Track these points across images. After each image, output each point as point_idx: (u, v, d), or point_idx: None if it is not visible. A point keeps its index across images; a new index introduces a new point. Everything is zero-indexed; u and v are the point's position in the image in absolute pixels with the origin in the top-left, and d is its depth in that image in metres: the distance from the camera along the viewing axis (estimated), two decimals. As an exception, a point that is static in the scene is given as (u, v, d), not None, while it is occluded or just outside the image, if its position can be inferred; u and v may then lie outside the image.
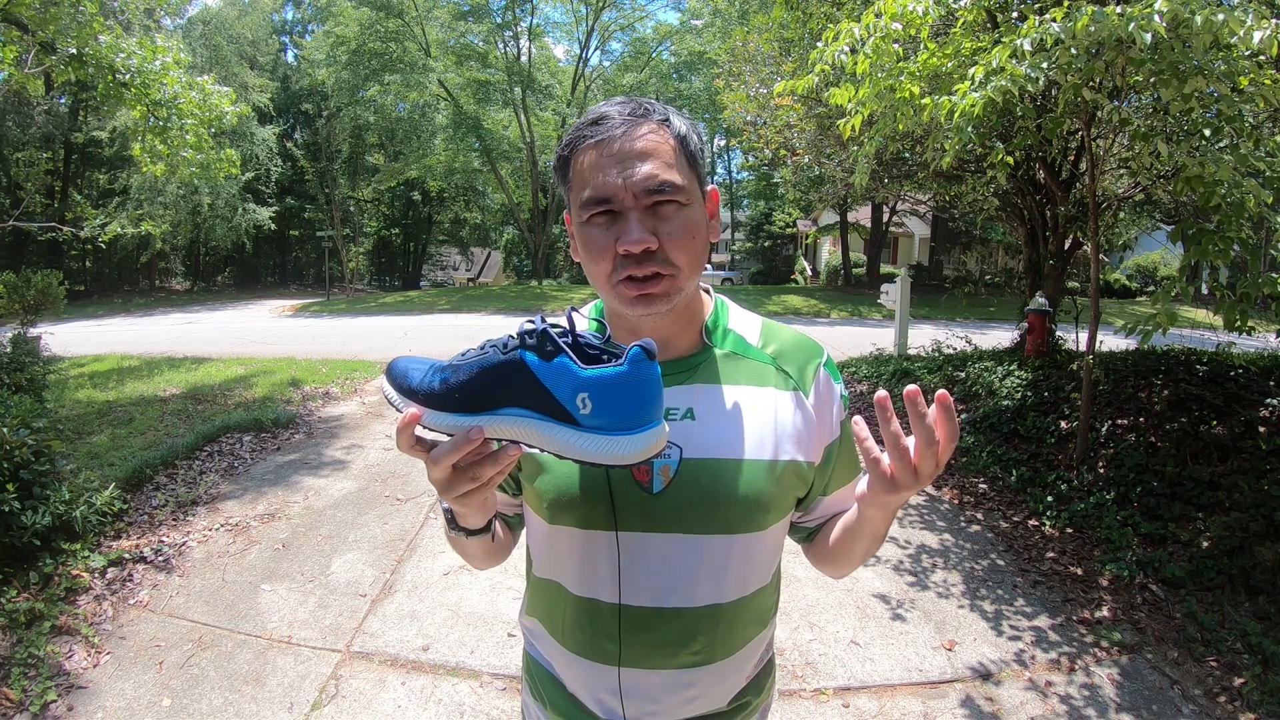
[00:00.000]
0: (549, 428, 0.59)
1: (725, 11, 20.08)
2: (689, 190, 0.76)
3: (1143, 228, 9.69)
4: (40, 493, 3.06)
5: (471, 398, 0.61)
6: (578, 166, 0.76)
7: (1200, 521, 3.41)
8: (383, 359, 8.74)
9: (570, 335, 0.61)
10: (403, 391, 0.65)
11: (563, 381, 0.58)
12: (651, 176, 0.73)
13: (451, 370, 0.62)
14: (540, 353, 0.59)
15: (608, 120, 0.75)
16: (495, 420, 0.61)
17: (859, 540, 0.84)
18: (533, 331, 0.60)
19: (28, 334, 5.32)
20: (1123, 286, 22.02)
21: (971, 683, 2.52)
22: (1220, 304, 2.89)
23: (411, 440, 0.64)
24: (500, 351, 0.61)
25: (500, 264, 36.78)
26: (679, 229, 0.75)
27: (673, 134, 0.77)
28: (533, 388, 0.59)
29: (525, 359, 0.59)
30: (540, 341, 0.59)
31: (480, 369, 0.61)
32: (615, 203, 0.74)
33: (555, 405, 0.59)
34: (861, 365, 7.81)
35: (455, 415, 0.62)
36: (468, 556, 0.91)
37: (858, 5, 4.55)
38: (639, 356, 0.58)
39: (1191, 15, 2.29)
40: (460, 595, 3.02)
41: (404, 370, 0.65)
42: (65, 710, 2.33)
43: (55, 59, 5.97)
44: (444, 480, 0.64)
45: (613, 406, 0.57)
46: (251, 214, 24.09)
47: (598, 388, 0.57)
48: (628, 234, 0.73)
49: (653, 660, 0.82)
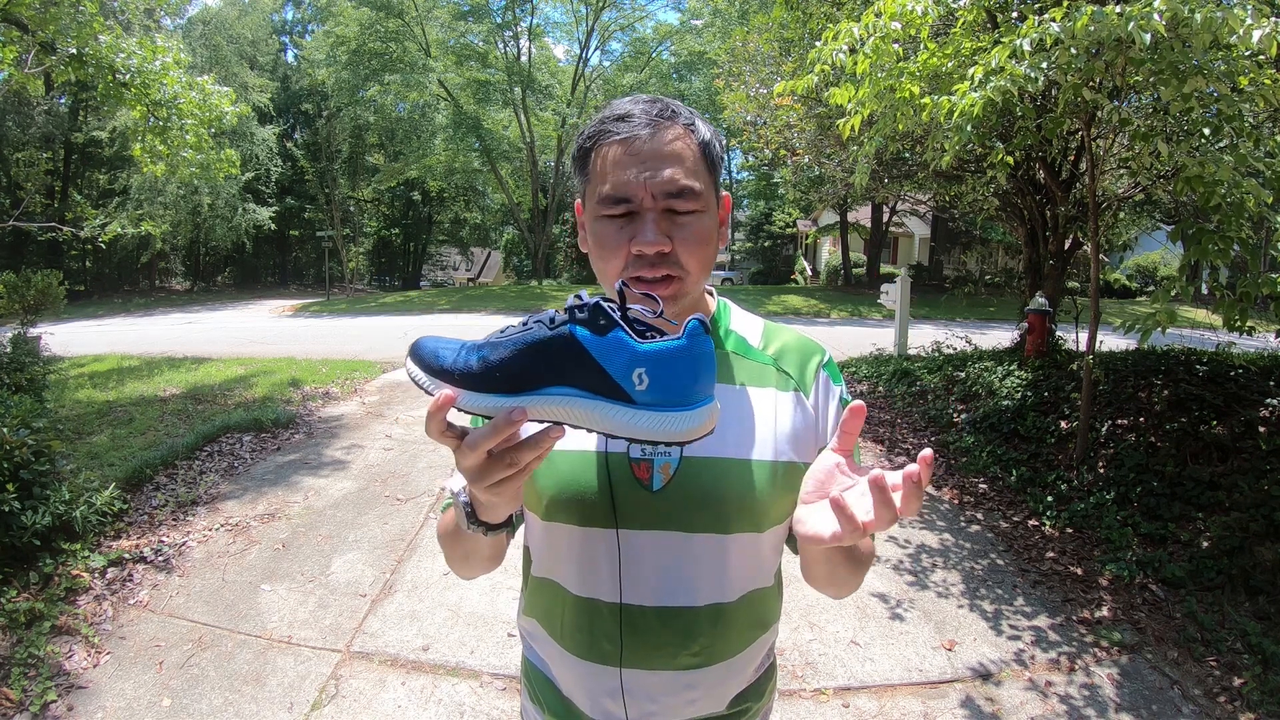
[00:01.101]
0: (599, 405, 0.56)
1: (725, 11, 20.07)
2: (706, 197, 0.77)
3: (1143, 228, 9.69)
4: (40, 493, 3.06)
5: (513, 377, 0.57)
6: (599, 160, 0.77)
7: (1200, 521, 3.41)
8: (383, 359, 8.74)
9: (621, 310, 0.57)
10: (433, 372, 0.59)
11: (618, 356, 0.55)
12: (673, 181, 0.73)
13: (490, 348, 0.59)
14: (593, 327, 0.56)
15: (633, 119, 0.75)
16: (540, 400, 0.57)
17: (817, 565, 0.81)
18: (583, 305, 0.57)
19: (28, 334, 5.32)
20: (1123, 286, 22.02)
21: (971, 683, 2.52)
22: (1220, 304, 2.89)
23: (443, 425, 0.58)
24: (547, 327, 0.57)
25: (500, 264, 36.76)
26: (693, 235, 0.75)
27: (697, 139, 0.77)
28: (584, 364, 0.56)
29: (577, 334, 0.56)
30: (593, 315, 0.56)
31: (525, 345, 0.57)
32: (634, 202, 0.74)
33: (608, 382, 0.56)
34: (861, 365, 7.81)
35: (495, 396, 0.58)
36: (471, 559, 0.87)
37: (858, 5, 4.55)
38: (697, 330, 0.56)
39: (1191, 14, 2.29)
40: (460, 595, 3.02)
41: (434, 350, 0.60)
42: (65, 710, 2.33)
43: (55, 59, 5.96)
44: (477, 467, 0.59)
45: (670, 382, 0.55)
46: (251, 214, 24.09)
47: (655, 362, 0.55)
48: (643, 235, 0.73)
49: (653, 661, 0.82)
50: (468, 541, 0.81)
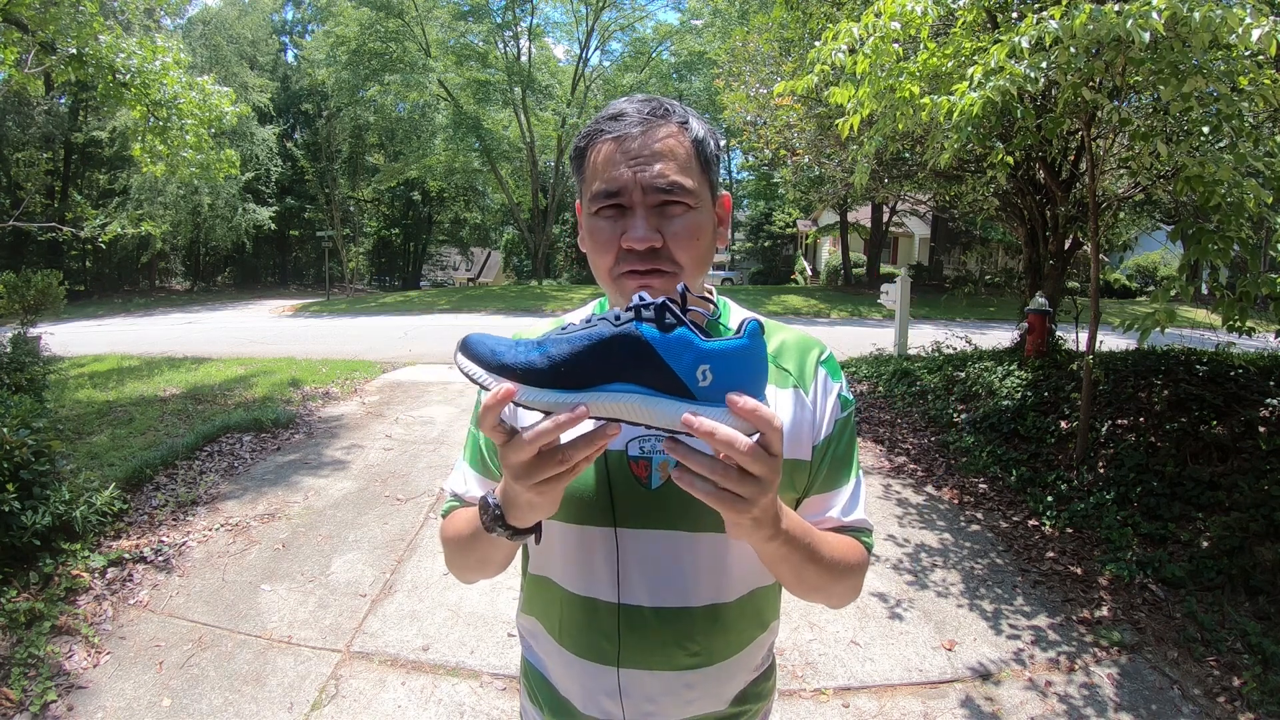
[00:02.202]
0: (659, 402, 0.58)
1: (725, 11, 20.08)
2: (698, 194, 0.77)
3: (1143, 228, 9.69)
4: (40, 493, 3.06)
5: (576, 373, 0.58)
6: (593, 158, 0.78)
7: (1200, 521, 3.41)
8: (383, 359, 8.75)
9: (683, 309, 0.59)
10: (491, 368, 0.59)
11: (684, 354, 0.57)
12: (662, 176, 0.74)
13: (554, 344, 0.60)
14: (659, 325, 0.58)
15: (627, 117, 0.76)
16: (602, 397, 0.58)
17: (775, 566, 0.75)
18: (649, 304, 0.59)
19: (28, 334, 5.32)
20: (1123, 286, 22.02)
21: (971, 682, 2.52)
22: (1220, 304, 2.89)
23: (497, 419, 0.58)
24: (612, 324, 0.59)
25: (500, 264, 36.78)
26: (683, 229, 0.76)
27: (690, 137, 0.78)
28: (649, 361, 0.58)
29: (643, 332, 0.58)
30: (658, 314, 0.58)
31: (590, 342, 0.59)
32: (624, 197, 0.75)
33: (673, 379, 0.58)
34: (861, 365, 7.81)
35: (557, 391, 0.58)
36: (486, 565, 0.84)
37: (858, 5, 4.55)
38: (756, 331, 0.59)
39: (1190, 13, 2.29)
40: (460, 595, 3.02)
41: (491, 347, 0.61)
42: (65, 710, 2.33)
43: (55, 59, 5.97)
44: (526, 463, 0.59)
45: (732, 378, 0.58)
46: (251, 214, 24.09)
47: (720, 360, 0.57)
48: (633, 230, 0.74)
49: (651, 661, 0.82)
50: (486, 546, 0.78)
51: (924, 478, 4.60)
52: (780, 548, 0.69)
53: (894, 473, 4.70)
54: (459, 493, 0.91)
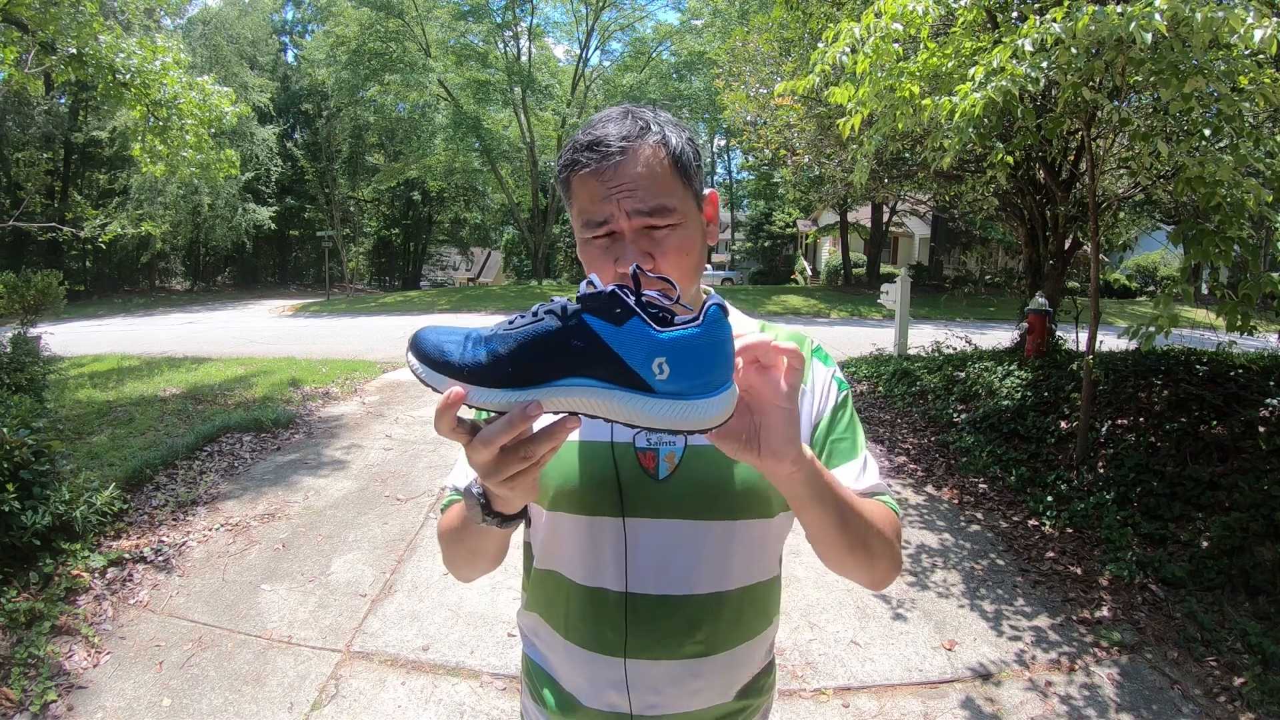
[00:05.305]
0: (618, 395, 0.54)
1: (725, 11, 20.08)
2: (683, 209, 0.78)
3: (1143, 228, 9.69)
4: (40, 493, 3.06)
5: (526, 370, 0.55)
6: (575, 188, 0.80)
7: (1200, 521, 3.41)
8: (383, 359, 8.74)
9: (636, 295, 0.55)
10: (438, 368, 0.56)
11: (636, 346, 0.53)
12: (645, 202, 0.76)
13: (500, 340, 0.56)
14: (608, 316, 0.53)
15: (603, 145, 0.77)
16: (555, 392, 0.55)
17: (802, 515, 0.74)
18: (597, 294, 0.54)
19: (28, 334, 5.32)
20: (1123, 286, 22.02)
21: (971, 683, 2.52)
22: (1222, 306, 2.89)
23: (453, 422, 0.56)
24: (558, 317, 0.55)
25: (500, 264, 36.74)
26: (673, 248, 0.78)
27: (668, 153, 0.79)
28: (601, 354, 0.53)
29: (591, 324, 0.54)
30: (608, 304, 0.54)
31: (535, 337, 0.55)
32: (613, 224, 0.77)
33: (627, 372, 0.53)
34: (861, 365, 7.81)
35: (508, 390, 0.55)
36: (478, 556, 0.86)
37: (858, 5, 4.55)
38: (717, 316, 0.53)
39: (1191, 14, 2.29)
40: (460, 595, 3.02)
41: (437, 344, 0.57)
42: (65, 710, 2.33)
43: (55, 59, 5.97)
44: (490, 463, 0.58)
45: (691, 369, 0.53)
46: (251, 214, 24.11)
47: (676, 350, 0.53)
48: (625, 258, 0.76)
49: (657, 650, 0.83)
50: (476, 537, 0.80)
51: (924, 478, 4.60)
52: (809, 480, 0.67)
53: (894, 473, 4.70)
54: (460, 486, 0.92)
